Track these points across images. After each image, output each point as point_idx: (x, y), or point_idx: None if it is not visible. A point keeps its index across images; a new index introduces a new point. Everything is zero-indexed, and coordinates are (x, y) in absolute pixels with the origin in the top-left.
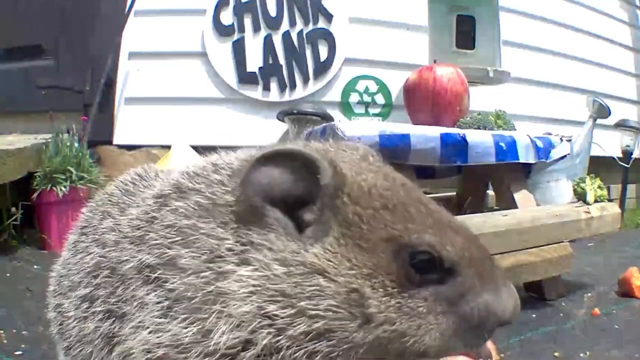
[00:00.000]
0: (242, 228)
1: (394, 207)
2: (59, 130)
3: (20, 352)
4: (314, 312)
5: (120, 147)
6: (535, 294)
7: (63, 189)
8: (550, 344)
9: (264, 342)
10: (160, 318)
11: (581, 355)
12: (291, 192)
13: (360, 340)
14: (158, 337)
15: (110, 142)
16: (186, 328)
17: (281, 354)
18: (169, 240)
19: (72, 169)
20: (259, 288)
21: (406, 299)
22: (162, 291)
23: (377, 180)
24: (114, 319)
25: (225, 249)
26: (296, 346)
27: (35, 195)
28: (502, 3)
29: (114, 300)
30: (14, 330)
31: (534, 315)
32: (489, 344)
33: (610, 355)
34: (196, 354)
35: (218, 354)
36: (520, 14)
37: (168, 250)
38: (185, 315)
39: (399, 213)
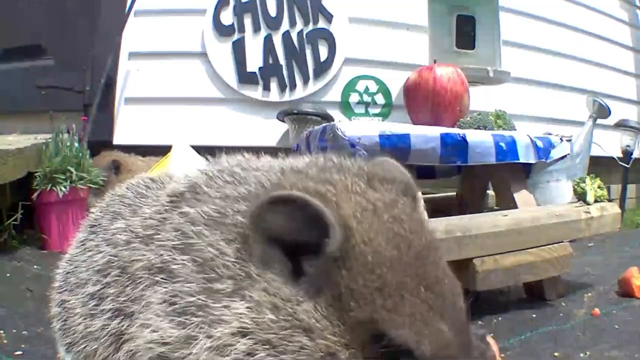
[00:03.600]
0: (244, 254)
1: (388, 291)
2: (59, 130)
3: (20, 352)
4: None
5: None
6: (535, 294)
7: (63, 189)
8: (550, 344)
9: None
10: (159, 317)
11: (581, 355)
12: (297, 238)
13: None
14: (157, 335)
15: (110, 142)
16: (174, 329)
17: None
18: (172, 243)
19: (72, 169)
20: (249, 329)
21: None
22: (163, 291)
23: (386, 252)
24: (122, 317)
25: (221, 264)
26: None
27: (35, 195)
28: (502, 3)
29: (123, 299)
30: (14, 330)
31: (534, 315)
32: (493, 345)
33: (610, 355)
34: (182, 357)
35: None
36: (520, 14)
37: (168, 253)
38: (172, 317)
39: (390, 298)
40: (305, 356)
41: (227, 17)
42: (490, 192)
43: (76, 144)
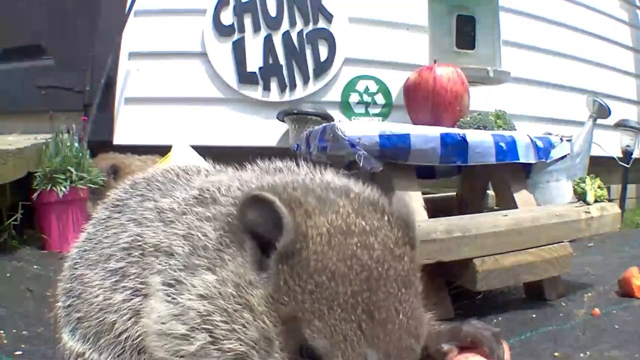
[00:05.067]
0: (223, 242)
1: (319, 297)
2: (59, 130)
3: (20, 352)
4: (241, 337)
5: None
6: (535, 294)
7: (63, 189)
8: (550, 344)
9: (198, 343)
10: (160, 299)
11: (581, 355)
12: (269, 234)
13: None
14: (155, 316)
15: (110, 142)
16: (164, 305)
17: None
18: (181, 232)
19: (72, 169)
20: (212, 296)
21: None
22: (163, 275)
23: (334, 266)
24: (142, 296)
25: (202, 247)
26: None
27: (35, 195)
28: (502, 3)
29: (141, 280)
30: (14, 331)
31: (534, 315)
32: (506, 351)
33: (610, 355)
34: (165, 334)
35: (171, 337)
36: (520, 14)
37: (173, 240)
38: (163, 296)
39: (319, 304)
40: (248, 332)
41: (227, 17)
42: (490, 192)
43: (76, 144)
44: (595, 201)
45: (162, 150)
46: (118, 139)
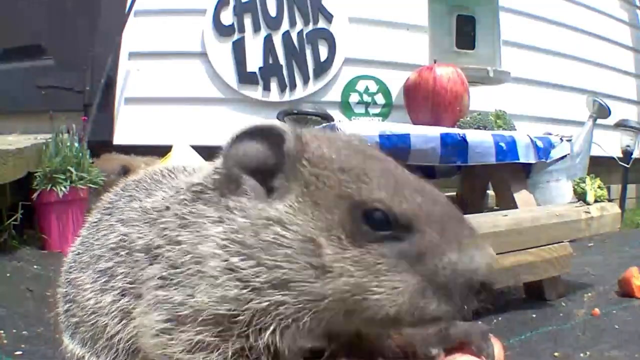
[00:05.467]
0: (223, 198)
1: (350, 170)
2: (59, 130)
3: (20, 352)
4: (272, 262)
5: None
6: (535, 294)
7: (63, 189)
8: (550, 344)
9: (231, 294)
10: (158, 289)
11: (581, 355)
12: (265, 162)
13: (319, 289)
14: (158, 310)
15: (110, 142)
16: (177, 290)
17: (258, 319)
18: (176, 224)
19: (72, 169)
20: (226, 242)
21: (363, 253)
22: (163, 264)
23: (342, 150)
24: (131, 296)
25: (205, 217)
26: (263, 298)
27: (35, 195)
28: (502, 3)
29: (129, 279)
30: (14, 330)
31: (534, 315)
32: (497, 347)
33: (610, 355)
34: (186, 317)
35: (205, 315)
36: (520, 14)
37: (172, 232)
38: (177, 280)
39: (355, 175)
40: (284, 248)
41: (227, 17)
42: (490, 192)
43: (76, 144)
44: (595, 201)
45: (162, 150)
46: (118, 139)
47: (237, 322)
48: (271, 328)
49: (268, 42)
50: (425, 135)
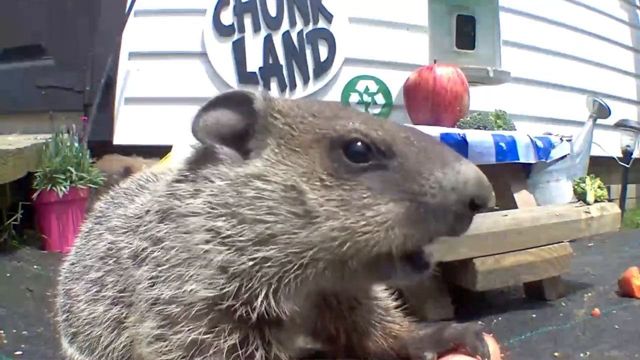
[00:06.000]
0: (200, 171)
1: (321, 112)
2: (59, 130)
3: (20, 352)
4: (254, 217)
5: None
6: (535, 294)
7: (63, 189)
8: (550, 344)
9: (217, 259)
10: (148, 290)
11: (581, 355)
12: (236, 127)
13: (305, 239)
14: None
15: (110, 142)
16: (166, 286)
17: (246, 286)
18: (156, 220)
19: (72, 169)
20: (207, 208)
21: (348, 191)
22: (150, 265)
23: (311, 102)
24: (122, 305)
25: (180, 196)
26: (247, 257)
27: (35, 195)
28: (502, 3)
29: (119, 288)
30: (14, 330)
31: (534, 315)
32: (492, 345)
33: (610, 355)
34: (178, 315)
35: (196, 309)
36: (520, 14)
37: (153, 231)
38: (165, 276)
39: (327, 117)
40: (265, 200)
41: (227, 17)
42: None
43: (76, 144)
44: (595, 201)
45: (163, 150)
46: (118, 139)
47: (226, 297)
48: (262, 294)
49: (268, 42)
50: None
